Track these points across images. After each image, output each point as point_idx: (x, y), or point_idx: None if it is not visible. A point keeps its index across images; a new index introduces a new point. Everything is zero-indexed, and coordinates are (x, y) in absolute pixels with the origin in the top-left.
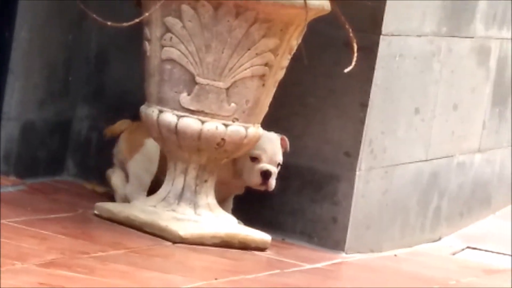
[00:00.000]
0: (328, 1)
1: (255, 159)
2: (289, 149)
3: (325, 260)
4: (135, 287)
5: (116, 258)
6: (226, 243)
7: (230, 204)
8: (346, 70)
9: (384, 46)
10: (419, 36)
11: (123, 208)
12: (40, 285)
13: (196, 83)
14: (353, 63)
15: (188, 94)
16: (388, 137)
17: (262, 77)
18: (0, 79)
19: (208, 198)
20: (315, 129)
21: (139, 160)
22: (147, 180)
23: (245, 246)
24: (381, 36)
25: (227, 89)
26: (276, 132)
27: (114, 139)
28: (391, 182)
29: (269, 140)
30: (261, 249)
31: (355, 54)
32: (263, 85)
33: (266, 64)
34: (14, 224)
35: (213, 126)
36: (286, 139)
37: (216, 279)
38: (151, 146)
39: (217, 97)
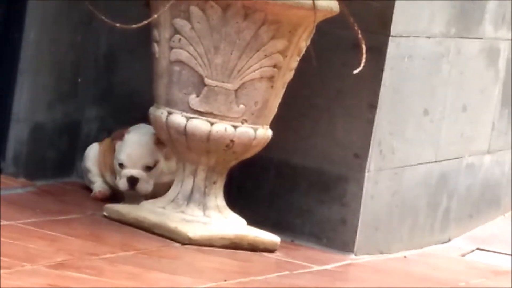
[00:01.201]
0: (336, 2)
1: (121, 165)
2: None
3: (334, 261)
4: None
5: (125, 259)
6: (235, 245)
7: None
8: (355, 72)
9: (393, 47)
10: (428, 37)
11: (132, 209)
12: (49, 286)
13: (205, 85)
14: (362, 64)
15: (197, 96)
16: (397, 138)
17: (271, 78)
18: (9, 80)
19: (217, 200)
20: (324, 130)
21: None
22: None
23: (254, 247)
24: (390, 37)
25: (236, 90)
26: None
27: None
28: (400, 183)
29: (135, 142)
30: (270, 250)
31: (364, 55)
32: (272, 86)
33: (274, 66)
34: (23, 226)
35: (222, 127)
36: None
37: (225, 280)
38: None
39: (226, 99)
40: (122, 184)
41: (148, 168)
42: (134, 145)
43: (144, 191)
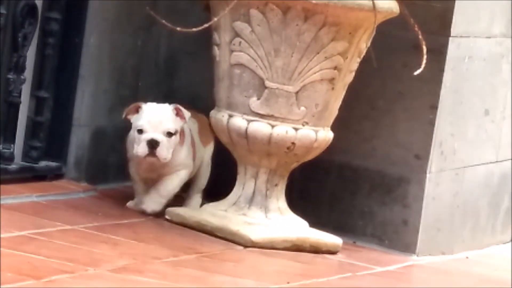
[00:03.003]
0: (396, 3)
1: (141, 131)
2: (186, 117)
3: (396, 262)
4: None
5: (188, 263)
6: (297, 247)
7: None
8: (415, 73)
9: (453, 48)
10: (488, 37)
11: (194, 213)
12: None
13: (266, 87)
14: (423, 66)
15: (258, 99)
16: (458, 139)
17: (331, 80)
18: (70, 85)
19: (279, 202)
20: (385, 132)
21: None
22: None
23: (316, 249)
24: (450, 38)
25: (297, 93)
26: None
27: None
28: (461, 184)
29: (154, 110)
30: (332, 252)
31: (425, 56)
32: (333, 88)
33: (335, 68)
34: (86, 230)
35: (283, 130)
36: (181, 107)
37: (288, 283)
38: None
39: (287, 101)
40: (141, 149)
41: (169, 134)
42: (153, 111)
43: (163, 157)
